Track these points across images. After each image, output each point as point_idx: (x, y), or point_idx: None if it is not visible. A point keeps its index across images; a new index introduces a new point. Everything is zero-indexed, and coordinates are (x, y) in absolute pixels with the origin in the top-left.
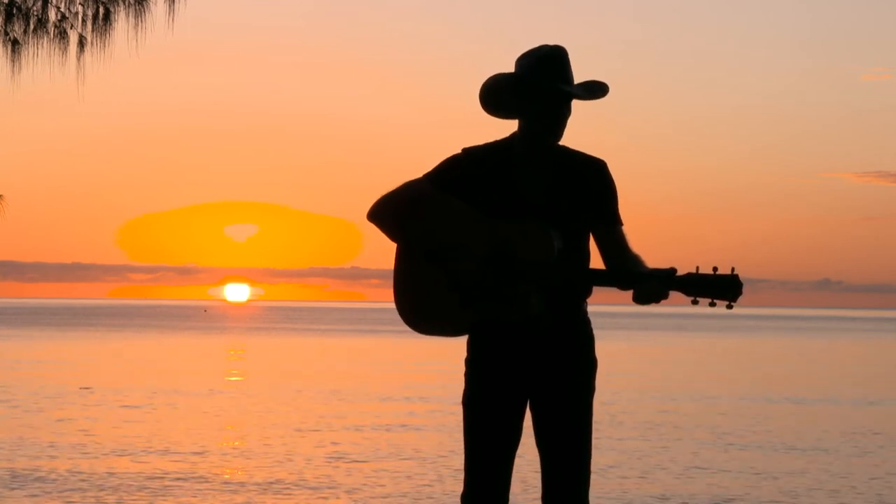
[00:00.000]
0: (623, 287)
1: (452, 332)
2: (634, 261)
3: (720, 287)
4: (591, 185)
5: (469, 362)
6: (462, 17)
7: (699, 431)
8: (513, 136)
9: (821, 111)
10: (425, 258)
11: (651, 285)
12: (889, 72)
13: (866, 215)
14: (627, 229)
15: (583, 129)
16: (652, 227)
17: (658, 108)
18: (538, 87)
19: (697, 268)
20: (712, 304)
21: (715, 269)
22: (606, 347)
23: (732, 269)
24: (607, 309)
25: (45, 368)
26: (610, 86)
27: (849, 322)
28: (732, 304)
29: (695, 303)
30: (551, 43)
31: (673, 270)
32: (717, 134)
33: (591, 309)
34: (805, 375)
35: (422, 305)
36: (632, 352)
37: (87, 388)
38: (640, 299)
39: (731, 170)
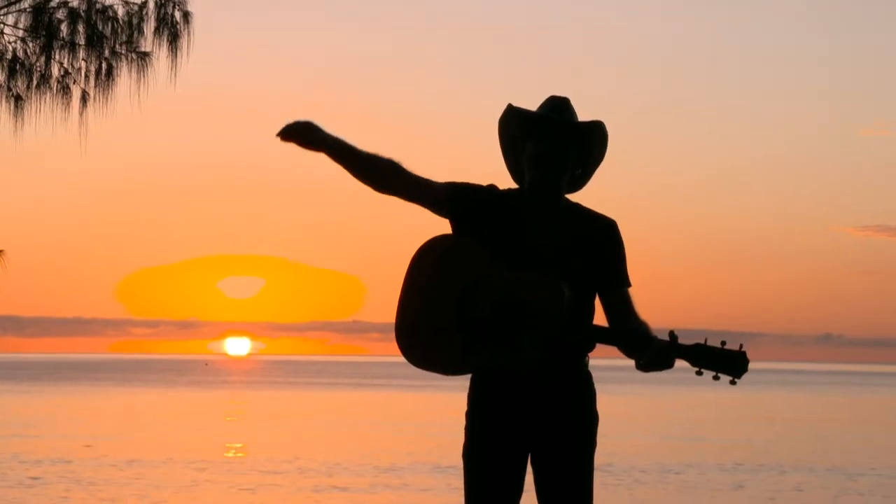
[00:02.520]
0: (628, 348)
1: (448, 370)
2: (643, 326)
3: (727, 362)
4: (601, 243)
5: (469, 415)
6: (467, 75)
7: (695, 489)
8: (524, 187)
9: (821, 165)
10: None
11: (658, 352)
12: (889, 127)
13: (867, 269)
14: (632, 282)
15: (592, 181)
16: (652, 281)
17: (659, 163)
18: (540, 116)
19: (706, 339)
20: (716, 378)
21: (723, 342)
22: (605, 401)
23: (741, 346)
24: (607, 363)
25: (39, 431)
26: (617, 143)
27: (851, 376)
28: (737, 380)
29: (699, 374)
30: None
31: (674, 338)
32: (717, 188)
33: (592, 363)
34: (807, 438)
35: (422, 339)
36: (630, 404)
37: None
38: (646, 367)
39: (731, 224)
